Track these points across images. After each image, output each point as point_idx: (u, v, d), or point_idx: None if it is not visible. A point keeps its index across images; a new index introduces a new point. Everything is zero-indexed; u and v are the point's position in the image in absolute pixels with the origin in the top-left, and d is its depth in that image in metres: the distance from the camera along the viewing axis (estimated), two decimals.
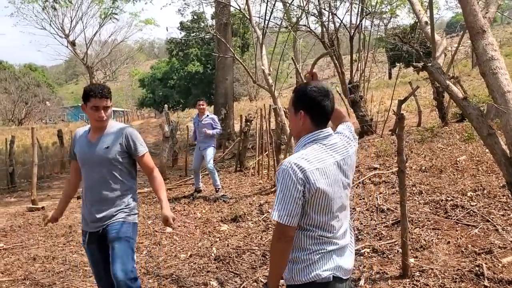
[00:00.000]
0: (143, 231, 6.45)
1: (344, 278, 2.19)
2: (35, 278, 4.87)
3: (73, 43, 32.09)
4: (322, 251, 2.11)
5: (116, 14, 23.90)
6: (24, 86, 54.28)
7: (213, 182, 8.57)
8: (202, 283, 4.43)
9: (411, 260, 4.12)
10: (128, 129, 3.25)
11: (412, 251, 4.32)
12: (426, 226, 4.90)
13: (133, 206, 3.31)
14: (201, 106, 8.54)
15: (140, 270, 4.88)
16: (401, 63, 31.92)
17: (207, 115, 8.60)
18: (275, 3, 9.56)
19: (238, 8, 9.42)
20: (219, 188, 8.51)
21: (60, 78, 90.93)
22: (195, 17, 44.08)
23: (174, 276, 4.65)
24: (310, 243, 2.10)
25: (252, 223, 6.34)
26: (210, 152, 8.51)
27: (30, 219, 7.85)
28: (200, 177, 8.94)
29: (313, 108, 2.11)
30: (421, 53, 14.11)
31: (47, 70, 77.23)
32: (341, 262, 2.16)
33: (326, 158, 2.08)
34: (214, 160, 8.72)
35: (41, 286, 4.65)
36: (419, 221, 5.05)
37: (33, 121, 50.67)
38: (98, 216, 3.14)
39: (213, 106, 21.56)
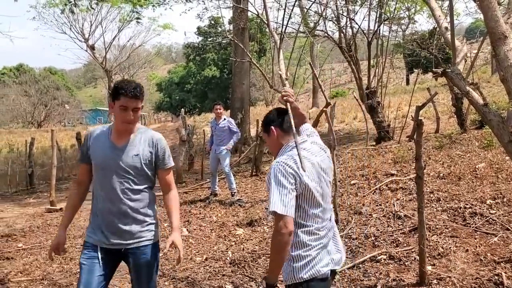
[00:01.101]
0: (159, 234, 6.48)
1: (337, 268, 2.40)
2: (53, 278, 4.93)
3: (92, 47, 32.54)
4: (319, 246, 2.29)
5: (139, 18, 24.17)
6: (44, 89, 55.23)
7: (228, 185, 8.60)
8: (218, 286, 4.44)
9: (429, 267, 4.07)
10: (159, 137, 2.89)
11: (429, 258, 4.27)
12: (444, 234, 4.84)
13: (156, 221, 2.96)
14: (218, 111, 8.57)
15: None
16: (419, 69, 31.68)
17: (224, 119, 8.63)
18: (293, 8, 9.58)
19: (256, 13, 9.45)
20: (234, 192, 8.52)
21: (79, 82, 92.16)
22: (213, 22, 44.37)
23: (189, 279, 4.67)
24: (309, 239, 2.27)
25: (267, 227, 6.33)
26: (226, 156, 8.54)
27: (49, 220, 7.96)
28: (217, 180, 8.97)
29: (278, 120, 2.45)
30: (440, 59, 13.99)
31: (66, 74, 78.29)
32: (332, 255, 2.37)
33: (308, 158, 2.31)
34: (230, 164, 8.75)
35: (59, 286, 4.70)
36: (436, 228, 4.99)
37: (52, 124, 51.41)
38: (125, 228, 2.76)
39: (229, 110, 21.63)
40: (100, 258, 2.76)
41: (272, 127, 2.44)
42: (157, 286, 4.54)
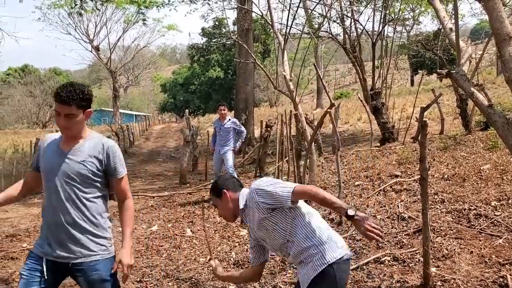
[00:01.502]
0: (163, 234, 6.50)
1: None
2: None
3: (97, 48, 32.70)
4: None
5: (145, 20, 24.23)
6: (49, 90, 55.41)
7: None
8: (221, 287, 4.44)
9: (433, 269, 4.05)
10: (110, 144, 2.68)
11: (433, 260, 4.26)
12: (448, 235, 4.82)
13: (109, 235, 2.73)
14: (222, 111, 8.60)
15: (160, 273, 4.92)
16: (423, 70, 31.63)
17: (229, 119, 8.65)
18: (297, 9, 9.58)
19: (260, 14, 9.46)
20: None
21: (83, 82, 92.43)
22: (217, 23, 44.42)
23: (193, 279, 4.67)
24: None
25: None
26: (230, 156, 8.57)
27: None
28: None
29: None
30: (445, 60, 13.95)
31: (71, 74, 78.55)
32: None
33: None
34: (233, 165, 8.77)
35: (63, 285, 4.70)
36: (441, 230, 4.97)
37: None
38: (71, 240, 2.57)
39: (233, 111, 21.64)
40: (43, 271, 2.56)
41: (224, 190, 2.74)
42: (161, 287, 4.56)
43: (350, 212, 2.35)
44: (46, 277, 2.55)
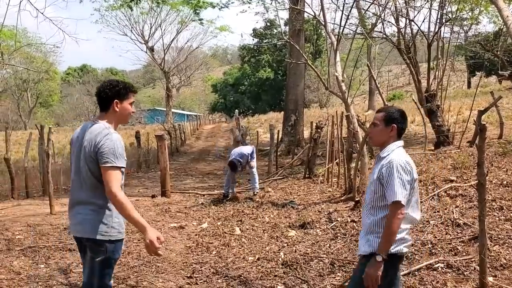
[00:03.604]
0: (212, 232, 6.61)
1: None
2: None
3: (151, 49, 33.62)
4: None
5: (202, 19, 24.74)
6: None
7: (252, 184, 9.35)
8: (270, 286, 4.46)
9: (490, 279, 3.90)
10: (106, 132, 2.93)
11: (490, 269, 4.09)
12: (507, 244, 4.61)
13: (112, 218, 2.95)
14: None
15: (209, 269, 5.00)
16: (481, 72, 30.35)
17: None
18: (350, 9, 9.46)
19: (313, 14, 9.41)
20: (256, 192, 9.16)
21: (138, 82, 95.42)
22: (268, 24, 44.57)
23: (242, 277, 4.72)
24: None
25: (320, 230, 6.29)
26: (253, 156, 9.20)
27: None
28: (230, 184, 9.25)
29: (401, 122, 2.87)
30: (506, 61, 13.34)
31: (126, 74, 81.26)
32: None
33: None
34: (282, 167, 8.85)
35: (117, 279, 4.88)
36: (499, 238, 4.77)
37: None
38: (78, 218, 2.99)
39: (283, 112, 21.63)
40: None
41: (395, 125, 2.80)
42: (211, 283, 4.64)
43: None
44: None
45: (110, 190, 2.73)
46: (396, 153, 2.74)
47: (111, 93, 2.94)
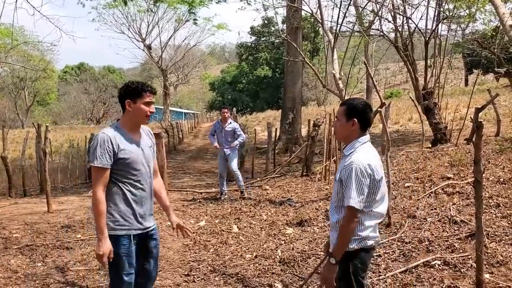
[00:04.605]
0: (210, 230, 6.61)
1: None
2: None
3: (149, 47, 33.49)
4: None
5: (196, 20, 24.73)
6: (103, 87, 57.51)
7: (238, 184, 9.23)
8: (267, 284, 4.46)
9: (486, 275, 3.91)
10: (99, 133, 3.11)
11: (487, 266, 4.10)
12: (503, 241, 4.63)
13: (113, 214, 3.08)
14: (225, 114, 9.00)
15: (207, 267, 5.01)
16: (479, 70, 30.38)
17: (230, 122, 9.04)
18: (348, 7, 9.46)
19: (310, 12, 9.41)
20: (243, 189, 9.12)
21: (136, 80, 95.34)
22: (266, 21, 44.53)
23: (239, 275, 4.72)
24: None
25: (317, 228, 6.29)
26: (234, 157, 9.02)
27: None
28: (225, 181, 9.27)
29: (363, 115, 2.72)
30: (503, 59, 13.34)
31: (124, 72, 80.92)
32: None
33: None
34: (279, 165, 8.84)
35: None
36: (495, 235, 4.79)
37: (110, 121, 53.51)
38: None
39: (280, 110, 21.62)
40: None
41: (355, 119, 2.68)
42: (208, 281, 4.64)
43: None
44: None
45: (92, 189, 2.91)
46: (358, 152, 2.63)
47: (124, 93, 3.03)
